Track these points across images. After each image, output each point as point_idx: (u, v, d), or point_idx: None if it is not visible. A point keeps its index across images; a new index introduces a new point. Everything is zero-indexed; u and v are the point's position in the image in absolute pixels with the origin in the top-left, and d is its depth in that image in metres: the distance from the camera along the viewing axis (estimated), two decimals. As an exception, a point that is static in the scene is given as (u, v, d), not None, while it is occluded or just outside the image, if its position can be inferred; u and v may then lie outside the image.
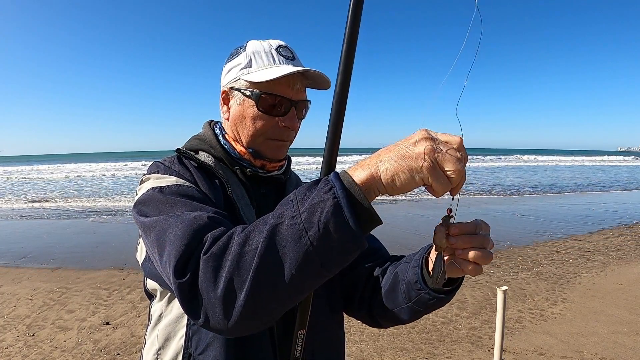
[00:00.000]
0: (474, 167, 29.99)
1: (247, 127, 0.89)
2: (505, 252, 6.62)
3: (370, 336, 3.78)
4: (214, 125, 1.00)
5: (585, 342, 3.67)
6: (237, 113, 0.90)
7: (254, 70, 0.87)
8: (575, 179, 21.00)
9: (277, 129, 0.89)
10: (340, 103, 0.64)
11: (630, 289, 5.01)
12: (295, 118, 0.89)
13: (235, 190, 0.87)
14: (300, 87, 0.88)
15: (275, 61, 0.87)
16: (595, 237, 7.74)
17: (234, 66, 0.91)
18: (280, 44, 0.91)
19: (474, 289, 4.99)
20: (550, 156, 57.60)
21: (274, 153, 0.92)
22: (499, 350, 2.13)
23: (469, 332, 3.86)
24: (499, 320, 2.13)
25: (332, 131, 0.65)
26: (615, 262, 6.11)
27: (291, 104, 0.88)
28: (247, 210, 0.86)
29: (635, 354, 3.44)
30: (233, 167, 0.92)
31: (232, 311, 0.56)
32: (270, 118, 0.87)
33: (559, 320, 4.13)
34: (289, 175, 1.02)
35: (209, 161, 0.90)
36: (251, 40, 0.92)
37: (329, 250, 0.54)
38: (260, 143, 0.90)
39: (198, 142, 0.95)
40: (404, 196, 13.57)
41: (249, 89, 0.87)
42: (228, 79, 0.91)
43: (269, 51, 0.88)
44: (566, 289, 5.02)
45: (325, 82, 0.89)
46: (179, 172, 0.84)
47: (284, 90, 0.86)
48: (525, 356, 3.43)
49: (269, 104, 0.86)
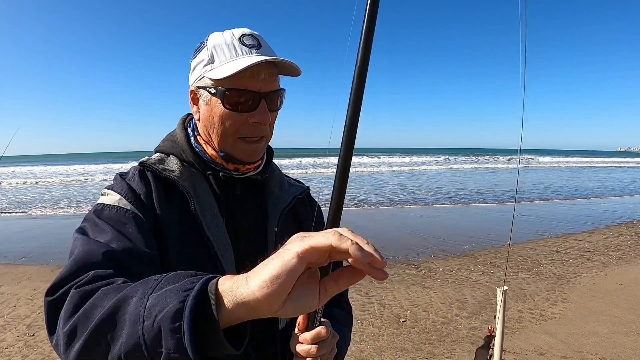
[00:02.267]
0: (484, 169, 29.94)
1: (216, 127, 0.84)
2: (506, 252, 6.62)
3: (370, 336, 3.78)
4: (188, 122, 0.94)
5: (585, 342, 3.67)
6: (205, 113, 0.85)
7: (217, 66, 0.81)
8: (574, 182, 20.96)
9: (248, 126, 0.83)
10: (357, 104, 0.63)
11: (630, 289, 5.01)
12: (266, 112, 0.82)
13: (201, 202, 0.82)
14: (268, 77, 0.81)
15: (238, 52, 0.81)
16: (595, 237, 7.75)
17: (197, 63, 0.85)
18: (244, 32, 0.84)
19: (474, 289, 4.99)
20: (549, 157, 57.58)
21: (247, 154, 0.86)
22: (499, 351, 2.13)
23: (469, 332, 3.86)
24: (499, 320, 2.13)
25: (349, 130, 0.63)
26: (615, 262, 6.12)
27: (260, 96, 0.81)
28: (213, 224, 0.81)
29: (635, 354, 3.44)
30: (205, 172, 0.86)
31: (71, 351, 0.56)
32: (239, 115, 0.81)
33: (559, 320, 4.13)
34: (269, 173, 0.96)
35: (176, 169, 0.85)
36: (213, 33, 0.86)
37: (156, 349, 0.48)
38: (232, 144, 0.84)
39: (170, 144, 0.91)
40: (404, 196, 13.58)
41: (213, 87, 0.81)
42: (194, 77, 0.86)
43: (231, 43, 0.82)
44: (566, 289, 5.02)
45: (292, 68, 0.83)
46: (129, 190, 0.79)
47: (249, 83, 0.80)
48: (525, 356, 3.43)
49: (235, 100, 0.80)
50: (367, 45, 0.62)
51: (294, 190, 0.98)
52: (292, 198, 0.95)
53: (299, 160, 35.10)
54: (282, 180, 0.98)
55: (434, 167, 29.53)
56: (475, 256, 6.39)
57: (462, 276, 5.46)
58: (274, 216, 0.90)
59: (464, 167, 31.25)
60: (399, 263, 6.02)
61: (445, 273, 5.58)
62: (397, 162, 37.10)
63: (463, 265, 5.91)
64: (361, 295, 4.78)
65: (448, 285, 5.13)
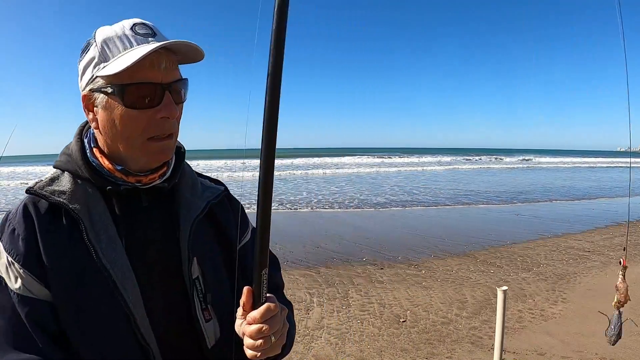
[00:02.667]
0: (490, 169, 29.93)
1: (120, 132, 0.74)
2: (505, 252, 6.62)
3: (370, 336, 3.78)
4: (85, 132, 0.84)
5: (585, 342, 3.67)
6: (104, 119, 0.75)
7: (110, 62, 0.72)
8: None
9: (156, 123, 0.74)
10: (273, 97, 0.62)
11: (631, 289, 4.96)
12: (173, 104, 0.74)
13: (95, 226, 0.74)
14: (169, 66, 0.74)
15: (132, 43, 0.72)
16: (595, 237, 7.75)
17: (86, 64, 0.75)
18: (136, 21, 0.76)
19: (474, 289, 4.99)
20: (549, 157, 57.57)
21: (156, 158, 0.78)
22: (499, 350, 2.13)
23: (469, 332, 3.86)
24: (499, 320, 2.13)
25: (267, 129, 0.63)
26: (615, 262, 6.11)
27: (163, 88, 0.73)
28: (109, 249, 0.73)
29: (635, 354, 3.44)
30: (105, 187, 0.77)
31: None
32: (143, 112, 0.73)
33: (559, 320, 4.13)
34: (179, 178, 0.86)
35: (68, 189, 0.76)
36: (100, 27, 0.77)
37: None
38: (140, 147, 0.75)
39: (66, 158, 0.80)
40: (404, 196, 13.58)
41: (109, 86, 0.72)
42: (85, 80, 0.76)
43: (122, 34, 0.73)
44: (566, 289, 5.02)
45: (194, 51, 0.76)
46: (10, 240, 0.72)
47: (149, 74, 0.71)
48: (525, 356, 3.43)
49: (137, 96, 0.72)
50: (279, 41, 0.61)
51: (208, 195, 0.89)
52: (205, 204, 0.86)
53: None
54: (195, 184, 0.89)
55: (437, 168, 29.53)
56: (475, 256, 6.39)
57: (462, 276, 5.46)
58: (186, 225, 0.81)
59: (462, 167, 31.25)
60: (399, 263, 6.02)
61: (445, 273, 5.58)
62: (399, 162, 37.10)
63: (463, 265, 5.91)
64: (361, 295, 4.78)
65: (448, 285, 5.13)
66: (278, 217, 9.71)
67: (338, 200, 12.56)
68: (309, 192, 14.93)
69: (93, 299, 0.71)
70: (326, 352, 3.48)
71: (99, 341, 0.71)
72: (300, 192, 14.68)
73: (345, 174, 24.25)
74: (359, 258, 6.26)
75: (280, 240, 7.21)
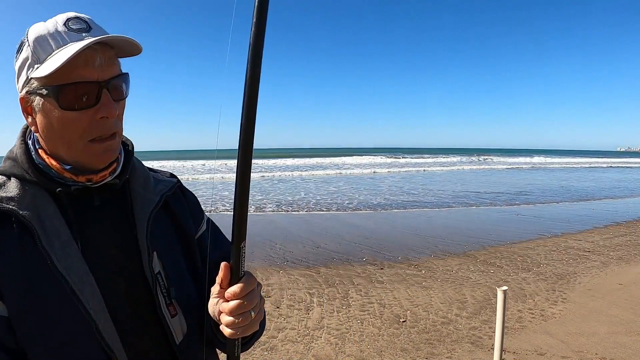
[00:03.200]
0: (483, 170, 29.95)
1: (59, 135, 0.71)
2: (505, 252, 6.62)
3: (370, 336, 3.78)
4: (29, 134, 0.79)
5: (585, 342, 3.67)
6: (43, 123, 0.71)
7: (43, 63, 0.68)
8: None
9: (95, 124, 0.70)
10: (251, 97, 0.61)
11: (630, 289, 5.01)
12: (112, 103, 0.70)
13: (47, 231, 0.70)
14: (106, 62, 0.70)
15: (65, 40, 0.68)
16: (595, 237, 7.75)
17: (21, 64, 0.71)
18: (69, 16, 0.71)
19: (474, 289, 4.99)
20: (549, 157, 57.56)
21: (100, 159, 0.74)
22: (499, 350, 2.13)
23: (469, 332, 3.86)
24: (499, 320, 2.13)
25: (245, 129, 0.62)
26: (615, 262, 6.12)
27: (100, 86, 0.69)
28: (63, 254, 0.69)
29: (635, 354, 3.44)
30: (54, 189, 0.73)
31: None
32: (80, 114, 0.69)
33: (559, 320, 4.13)
34: (130, 173, 0.83)
35: (16, 194, 0.71)
36: (34, 25, 0.72)
37: None
38: (83, 149, 0.71)
39: (10, 163, 0.76)
40: (405, 197, 13.58)
41: (44, 88, 0.68)
42: (21, 82, 0.72)
43: (54, 30, 0.69)
44: (566, 289, 5.02)
45: (131, 45, 0.72)
46: None
47: (84, 72, 0.68)
48: (525, 356, 3.43)
49: (73, 97, 0.68)
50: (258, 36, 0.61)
51: (161, 188, 0.87)
52: (159, 197, 0.84)
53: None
54: (147, 178, 0.86)
55: (439, 168, 29.53)
56: (475, 256, 6.39)
57: (462, 276, 5.46)
58: (142, 221, 0.79)
59: (466, 167, 31.24)
60: (399, 263, 6.02)
61: (445, 273, 5.58)
62: (401, 162, 37.10)
63: (463, 265, 5.91)
64: (361, 295, 4.78)
65: (448, 285, 5.13)
66: (278, 217, 9.71)
67: (337, 201, 12.56)
68: (307, 192, 14.94)
69: (51, 309, 0.67)
70: (326, 352, 3.48)
71: (61, 354, 0.68)
72: (298, 192, 14.69)
73: (339, 175, 24.25)
74: (359, 258, 6.26)
75: (281, 240, 7.21)
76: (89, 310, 0.68)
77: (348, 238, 7.44)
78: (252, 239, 6.88)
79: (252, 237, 6.80)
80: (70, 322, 0.68)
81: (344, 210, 10.92)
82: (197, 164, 32.09)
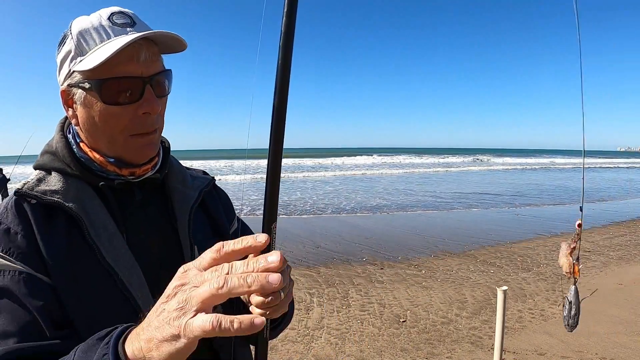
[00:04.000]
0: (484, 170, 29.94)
1: (100, 129, 0.71)
2: (505, 252, 6.62)
3: (370, 336, 3.78)
4: (67, 128, 0.79)
5: (585, 342, 3.67)
6: (84, 116, 0.71)
7: (87, 56, 0.68)
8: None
9: (137, 120, 0.71)
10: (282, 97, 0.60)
11: (630, 289, 5.01)
12: (154, 98, 0.70)
13: (94, 224, 0.69)
14: (151, 57, 0.70)
15: (109, 35, 0.68)
16: (595, 237, 7.75)
17: (63, 57, 0.71)
18: (114, 10, 0.71)
19: (474, 289, 4.99)
20: (548, 157, 57.51)
21: (141, 154, 0.74)
22: (499, 350, 2.13)
23: (469, 332, 3.86)
24: (499, 320, 2.13)
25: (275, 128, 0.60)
26: (615, 262, 6.12)
27: (143, 82, 0.69)
28: (111, 247, 0.69)
29: (635, 354, 3.44)
30: (97, 183, 0.73)
31: None
32: (123, 109, 0.69)
33: (559, 320, 4.13)
34: (169, 169, 0.84)
35: (60, 187, 0.70)
36: (77, 18, 0.72)
37: None
38: (122, 144, 0.72)
39: (50, 157, 0.75)
40: (406, 197, 13.58)
41: (86, 81, 0.68)
42: (63, 75, 0.72)
43: (99, 24, 0.69)
44: (566, 289, 5.01)
45: (177, 41, 0.72)
46: (5, 236, 0.65)
47: (128, 67, 0.67)
48: (525, 356, 3.43)
49: (116, 91, 0.68)
50: (289, 37, 0.59)
51: (198, 184, 0.88)
52: (198, 193, 0.85)
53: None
54: (185, 175, 0.88)
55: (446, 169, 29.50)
56: (475, 256, 6.39)
57: (462, 276, 5.46)
58: (183, 215, 0.80)
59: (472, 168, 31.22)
60: (399, 263, 6.02)
61: (445, 273, 5.58)
62: (405, 163, 37.09)
63: (463, 265, 5.91)
64: (361, 295, 4.78)
65: (448, 285, 5.13)
66: (278, 218, 9.70)
67: (337, 202, 12.56)
68: (303, 192, 14.93)
69: (100, 299, 0.67)
70: (326, 352, 3.48)
71: None
72: (294, 192, 14.69)
73: (335, 176, 24.24)
74: (359, 258, 6.26)
75: (280, 240, 7.21)
76: (138, 301, 0.68)
77: (348, 238, 7.44)
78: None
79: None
80: (120, 314, 0.66)
81: (345, 211, 10.92)
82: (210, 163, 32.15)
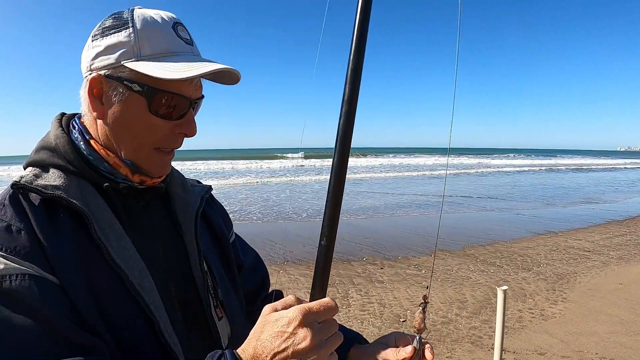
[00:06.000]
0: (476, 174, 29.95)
1: (131, 134, 0.68)
2: (505, 251, 6.62)
3: (370, 336, 3.78)
4: (67, 122, 0.74)
5: (585, 342, 3.67)
6: (117, 113, 0.67)
7: (147, 57, 0.65)
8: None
9: (171, 137, 0.70)
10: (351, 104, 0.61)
11: (630, 288, 5.01)
12: (194, 122, 0.71)
13: (100, 223, 0.65)
14: (200, 82, 0.71)
15: (175, 47, 0.67)
16: (596, 236, 7.74)
17: (112, 44, 0.66)
18: (175, 20, 0.70)
19: (474, 288, 4.99)
20: (548, 157, 57.47)
21: (161, 169, 0.73)
22: (499, 350, 2.13)
23: (469, 332, 3.86)
24: (499, 319, 2.13)
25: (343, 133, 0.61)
26: (615, 262, 6.12)
27: (190, 103, 0.69)
28: (120, 248, 0.65)
29: (635, 354, 3.44)
30: (101, 183, 0.69)
31: None
32: (164, 123, 0.68)
33: (559, 320, 4.13)
34: (169, 178, 0.82)
35: (61, 184, 0.65)
36: (139, 9, 0.69)
37: None
38: (147, 155, 0.70)
39: (48, 154, 0.69)
40: (405, 197, 13.58)
41: (137, 83, 0.65)
42: (103, 61, 0.67)
43: (167, 31, 0.68)
44: (566, 288, 5.02)
45: (235, 79, 0.73)
46: (5, 233, 0.59)
47: (183, 86, 0.67)
48: (525, 356, 3.43)
49: (166, 106, 0.66)
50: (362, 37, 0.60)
51: (198, 190, 0.87)
52: (200, 199, 0.84)
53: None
54: (184, 181, 0.87)
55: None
56: (475, 256, 6.39)
57: (462, 276, 5.46)
58: (187, 222, 0.79)
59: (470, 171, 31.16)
60: (399, 263, 6.02)
61: (445, 273, 5.58)
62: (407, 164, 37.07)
63: (463, 265, 5.91)
64: (361, 295, 4.78)
65: (448, 285, 5.13)
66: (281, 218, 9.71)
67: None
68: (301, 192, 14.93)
69: (110, 302, 0.62)
70: (326, 352, 3.48)
71: (121, 346, 0.62)
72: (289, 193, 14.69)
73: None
74: (359, 258, 6.26)
75: (281, 240, 7.21)
76: (150, 305, 0.64)
77: (348, 238, 7.44)
78: (252, 239, 6.87)
79: (252, 236, 6.80)
80: (130, 316, 0.63)
81: (344, 211, 10.91)
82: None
